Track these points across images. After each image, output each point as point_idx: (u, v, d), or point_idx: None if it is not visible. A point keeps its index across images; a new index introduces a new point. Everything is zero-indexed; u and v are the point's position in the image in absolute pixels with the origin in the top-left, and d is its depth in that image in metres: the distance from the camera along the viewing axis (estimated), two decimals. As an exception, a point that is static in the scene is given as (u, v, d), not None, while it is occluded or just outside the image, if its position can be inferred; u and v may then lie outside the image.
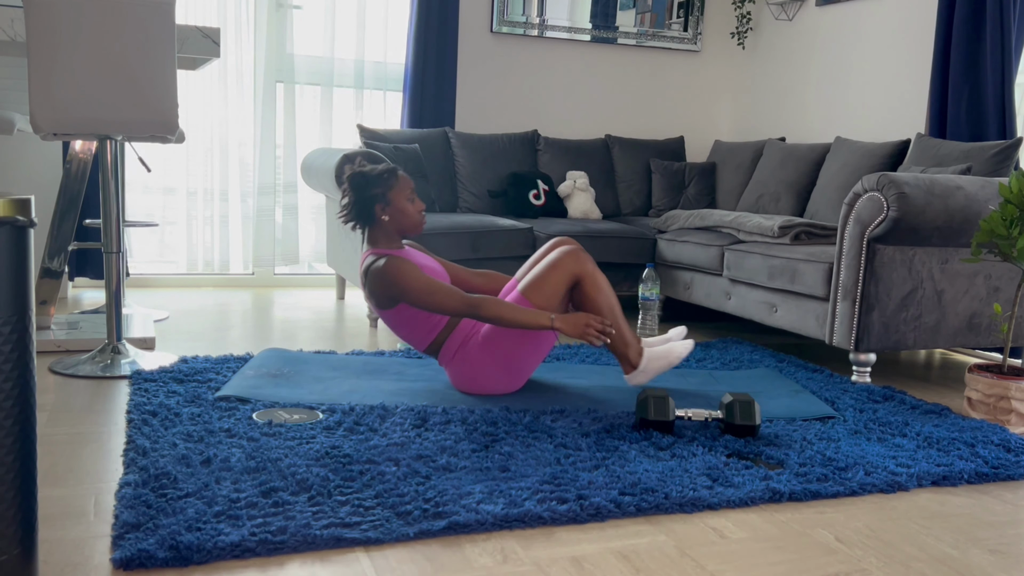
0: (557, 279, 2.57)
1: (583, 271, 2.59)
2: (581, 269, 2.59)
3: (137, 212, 4.47)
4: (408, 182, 2.63)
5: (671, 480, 1.97)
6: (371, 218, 2.60)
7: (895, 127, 4.12)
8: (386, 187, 2.59)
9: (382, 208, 2.59)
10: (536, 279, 2.58)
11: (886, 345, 2.97)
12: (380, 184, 2.59)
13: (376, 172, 2.60)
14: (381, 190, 2.58)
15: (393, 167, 2.63)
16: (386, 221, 2.60)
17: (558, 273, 2.57)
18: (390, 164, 2.64)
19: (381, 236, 2.63)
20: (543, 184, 4.38)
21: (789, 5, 4.81)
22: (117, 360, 2.82)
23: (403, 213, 2.61)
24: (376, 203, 2.58)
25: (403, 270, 2.47)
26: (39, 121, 2.58)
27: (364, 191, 2.58)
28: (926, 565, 1.67)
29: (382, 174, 2.60)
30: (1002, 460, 2.24)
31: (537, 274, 2.59)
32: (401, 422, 2.29)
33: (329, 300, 4.44)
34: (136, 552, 1.50)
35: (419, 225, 2.64)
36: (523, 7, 4.79)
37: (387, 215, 2.59)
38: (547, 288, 2.56)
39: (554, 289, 2.57)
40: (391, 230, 2.62)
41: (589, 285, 2.59)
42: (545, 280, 2.57)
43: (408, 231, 2.64)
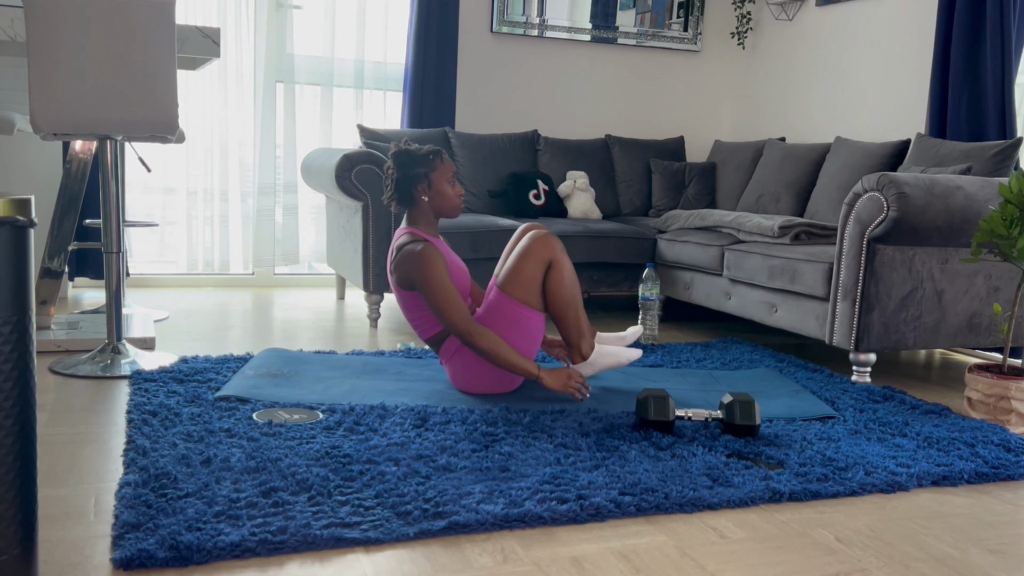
0: (532, 268, 2.59)
1: (553, 256, 2.60)
2: (552, 254, 2.60)
3: (137, 212, 4.47)
4: (451, 165, 2.66)
5: (671, 480, 1.97)
6: (411, 198, 2.62)
7: (895, 127, 4.12)
8: (429, 167, 2.61)
9: (424, 188, 2.61)
10: (512, 271, 2.60)
11: (886, 345, 2.97)
12: (424, 164, 2.61)
13: (421, 152, 2.62)
14: (424, 170, 2.61)
15: (438, 148, 2.65)
16: (425, 202, 2.62)
17: (531, 262, 2.59)
18: (435, 146, 2.67)
19: (420, 218, 2.65)
20: (543, 184, 4.38)
21: (789, 5, 4.81)
22: (117, 360, 2.82)
23: (443, 195, 2.63)
24: (419, 183, 2.61)
25: (435, 262, 2.49)
26: (39, 121, 2.58)
27: (408, 169, 2.60)
28: (926, 565, 1.67)
29: (427, 154, 2.62)
30: (1002, 460, 2.24)
31: (512, 266, 2.61)
32: (401, 422, 2.29)
33: (329, 300, 4.44)
34: (136, 552, 1.50)
35: (457, 209, 2.67)
36: (523, 7, 4.79)
37: (427, 196, 2.62)
38: (524, 278, 2.58)
39: (530, 277, 2.58)
40: (429, 212, 2.65)
41: (555, 272, 2.60)
42: (520, 271, 2.59)
43: (446, 214, 2.67)
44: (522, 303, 2.58)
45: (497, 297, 2.59)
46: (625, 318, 4.28)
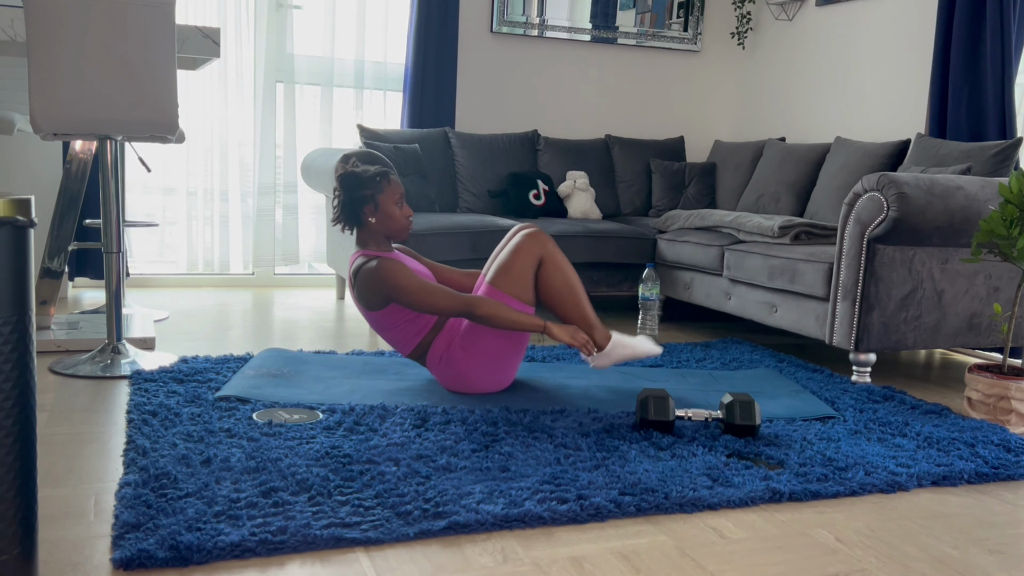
0: (522, 263, 2.58)
1: (545, 251, 2.60)
2: (543, 249, 2.60)
3: (137, 212, 4.47)
4: (398, 187, 2.63)
5: (671, 480, 1.97)
6: (359, 219, 2.61)
7: (895, 127, 4.12)
8: (376, 189, 2.59)
9: (371, 210, 2.59)
10: (502, 267, 2.59)
11: (886, 345, 2.97)
12: (370, 186, 2.59)
13: (367, 174, 2.60)
14: (370, 192, 2.58)
15: (385, 170, 2.62)
16: (373, 223, 2.60)
17: (521, 257, 2.58)
18: (383, 168, 2.64)
19: (369, 239, 2.63)
20: (543, 184, 4.38)
21: (789, 5, 4.81)
22: (117, 360, 2.82)
23: (390, 217, 2.60)
24: (365, 204, 2.58)
25: (396, 271, 2.48)
26: (39, 121, 2.58)
27: (354, 192, 2.58)
28: (926, 565, 1.67)
29: (373, 176, 2.60)
30: (1002, 460, 2.24)
31: (502, 262, 2.60)
32: (401, 422, 2.29)
33: (329, 300, 4.44)
34: (136, 552, 1.50)
35: (405, 230, 2.64)
36: (523, 7, 4.79)
37: (374, 218, 2.59)
38: (514, 273, 2.58)
39: (521, 272, 2.58)
40: (378, 233, 2.63)
41: (549, 265, 2.60)
42: (511, 266, 2.58)
43: (394, 236, 2.64)
44: (512, 296, 2.57)
45: (488, 291, 2.59)
46: (625, 318, 4.28)
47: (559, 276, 2.61)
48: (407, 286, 2.46)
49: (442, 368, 2.62)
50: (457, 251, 3.73)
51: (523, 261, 2.59)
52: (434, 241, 3.67)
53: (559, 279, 2.61)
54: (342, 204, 2.60)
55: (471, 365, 2.58)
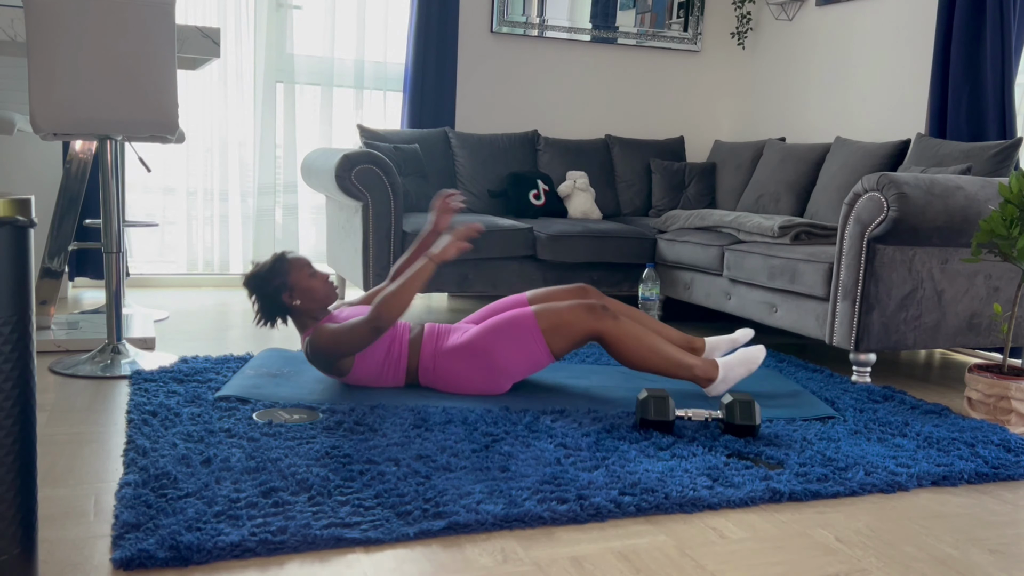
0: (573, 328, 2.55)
1: (603, 329, 2.55)
2: (600, 327, 2.55)
3: (137, 212, 4.47)
4: (301, 261, 2.61)
5: (671, 480, 1.97)
6: (284, 309, 2.61)
7: (895, 127, 4.12)
8: (282, 275, 2.58)
9: (289, 296, 2.59)
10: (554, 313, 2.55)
11: (886, 345, 2.97)
12: (276, 275, 2.58)
13: (267, 268, 2.59)
14: (279, 280, 2.58)
15: (280, 254, 2.62)
16: (299, 305, 2.60)
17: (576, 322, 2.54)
18: (276, 253, 2.63)
19: (306, 319, 2.64)
20: (543, 184, 4.38)
21: (789, 5, 4.81)
22: (117, 360, 2.82)
23: (310, 291, 2.59)
24: (282, 293, 2.58)
25: (319, 335, 2.50)
26: (39, 121, 2.58)
27: (265, 288, 2.58)
28: (926, 565, 1.67)
29: (272, 265, 2.59)
30: (1002, 460, 2.24)
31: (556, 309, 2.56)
32: (401, 422, 2.29)
33: (329, 300, 4.44)
34: (136, 552, 1.50)
35: (330, 295, 2.62)
36: (523, 7, 4.79)
37: (298, 300, 2.59)
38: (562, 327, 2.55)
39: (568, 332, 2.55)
40: (309, 310, 2.62)
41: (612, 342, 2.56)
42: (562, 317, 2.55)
43: (322, 304, 2.62)
44: (546, 341, 2.56)
45: (528, 319, 2.56)
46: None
47: (628, 352, 2.57)
48: (327, 343, 2.48)
49: (436, 378, 2.62)
50: (457, 251, 3.72)
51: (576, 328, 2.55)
52: (434, 241, 3.67)
53: (630, 350, 2.57)
54: (262, 305, 2.61)
55: (463, 371, 2.58)
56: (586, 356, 3.24)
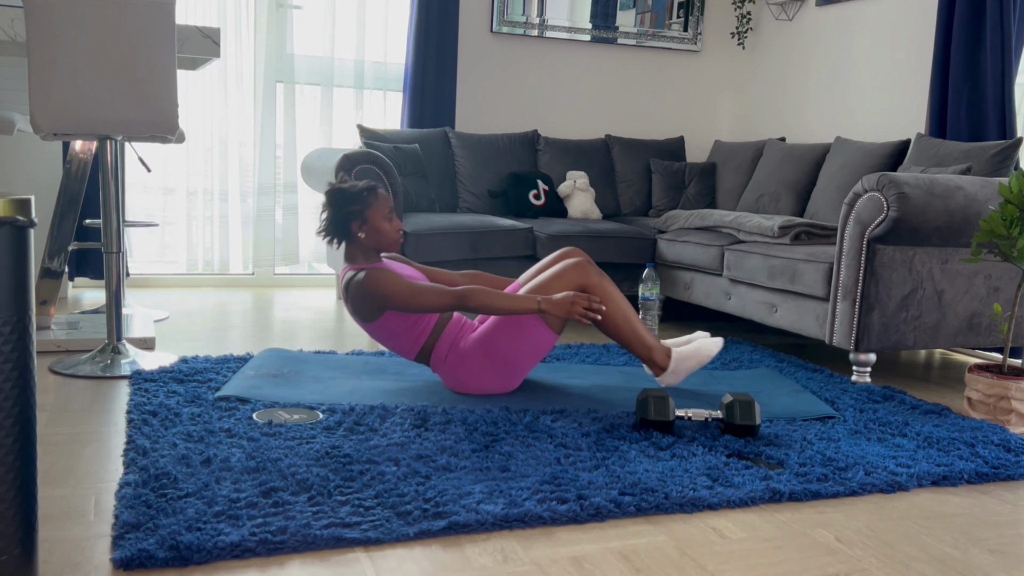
0: (559, 288, 2.58)
1: (588, 283, 2.59)
2: (587, 281, 2.59)
3: (137, 212, 4.47)
4: (387, 201, 2.62)
5: (671, 480, 1.97)
6: (348, 234, 2.60)
7: (895, 127, 4.12)
8: (364, 205, 2.58)
9: (359, 225, 2.58)
10: (541, 288, 2.59)
11: (886, 345, 2.97)
12: (358, 202, 2.58)
13: (355, 190, 2.59)
14: (359, 207, 2.58)
15: (372, 185, 2.62)
16: (362, 238, 2.60)
17: (561, 284, 2.58)
18: (371, 182, 2.63)
19: (359, 252, 2.63)
20: (543, 184, 4.38)
21: (789, 5, 4.81)
22: (117, 360, 2.82)
23: (379, 232, 2.60)
24: (353, 220, 2.58)
25: (383, 278, 2.48)
26: (39, 121, 2.58)
27: (342, 208, 2.58)
28: (926, 565, 1.67)
29: (361, 192, 2.59)
30: (1002, 460, 2.24)
31: (542, 283, 2.59)
32: (401, 422, 2.29)
33: (329, 300, 4.44)
34: (136, 552, 1.50)
35: (396, 244, 2.63)
36: (523, 7, 4.79)
37: (363, 232, 2.59)
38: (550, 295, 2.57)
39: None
40: (368, 247, 2.62)
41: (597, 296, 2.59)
42: (548, 289, 2.58)
43: (384, 249, 2.63)
44: (543, 323, 2.56)
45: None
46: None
47: (609, 307, 2.60)
48: (396, 291, 2.47)
49: (448, 368, 2.62)
50: (457, 251, 3.73)
51: (561, 287, 2.58)
52: (434, 241, 3.67)
53: (609, 310, 2.60)
54: (330, 220, 2.60)
55: (479, 365, 2.58)
56: (586, 356, 3.24)
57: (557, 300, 2.50)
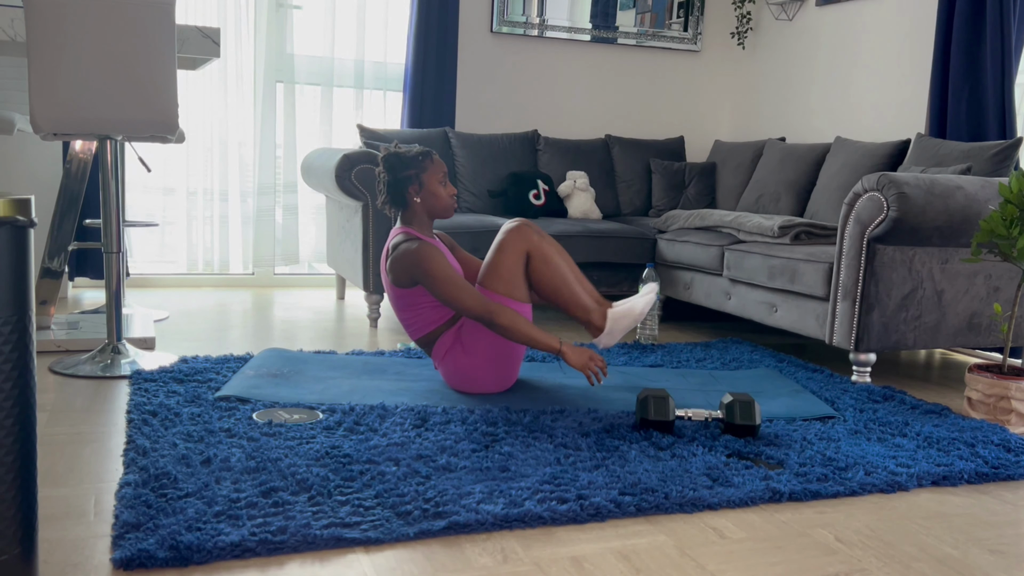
0: (508, 261, 2.58)
1: (530, 245, 2.60)
2: (528, 243, 2.59)
3: (137, 212, 4.47)
4: (441, 165, 2.65)
5: (671, 480, 1.97)
6: (404, 200, 2.62)
7: (895, 127, 4.12)
8: (420, 168, 2.61)
9: (416, 189, 2.61)
10: (489, 266, 2.59)
11: (886, 345, 2.97)
12: (414, 165, 2.60)
13: (411, 154, 2.62)
14: (415, 171, 2.60)
15: (427, 150, 2.65)
16: (418, 203, 2.62)
17: (507, 254, 2.58)
18: (424, 147, 2.65)
19: (414, 219, 2.64)
20: (543, 184, 4.38)
21: (789, 5, 4.81)
22: (117, 360, 2.82)
23: (435, 196, 2.62)
24: (410, 184, 2.60)
25: (433, 256, 2.49)
26: (39, 121, 2.58)
27: (398, 171, 2.60)
28: (926, 565, 1.67)
29: (417, 156, 2.62)
30: (1002, 460, 2.24)
31: (488, 261, 2.61)
32: (401, 422, 2.29)
33: (329, 300, 4.44)
34: (136, 552, 1.50)
35: (450, 208, 2.65)
36: (523, 7, 4.79)
37: (420, 197, 2.61)
38: (503, 271, 2.57)
39: (510, 269, 2.58)
40: (422, 213, 2.64)
41: (537, 259, 2.60)
42: (498, 265, 2.58)
43: (439, 214, 2.65)
44: (504, 295, 2.57)
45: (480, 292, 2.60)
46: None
47: (548, 269, 2.60)
48: (438, 275, 2.47)
49: (447, 363, 2.62)
50: (457, 251, 3.73)
51: (509, 259, 2.58)
52: (434, 241, 3.67)
53: (548, 272, 2.60)
54: (387, 185, 2.62)
55: (473, 361, 2.59)
56: (586, 356, 3.24)
57: (577, 350, 2.50)
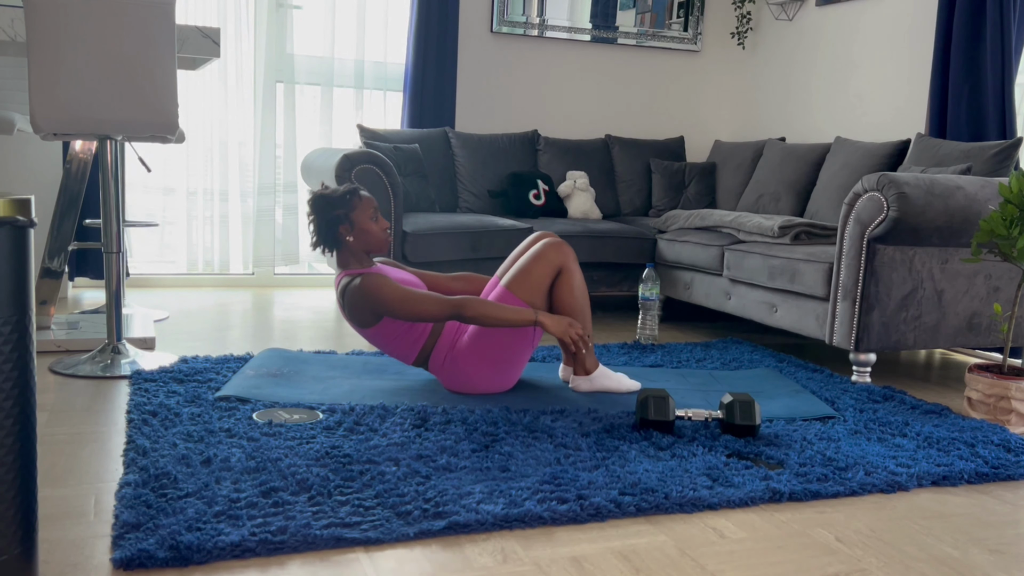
0: (541, 271, 2.60)
1: (565, 264, 2.63)
2: (564, 261, 2.63)
3: (137, 212, 4.47)
4: (370, 201, 2.62)
5: (671, 480, 1.97)
6: (337, 240, 2.60)
7: (895, 127, 4.12)
8: (348, 208, 2.58)
9: (347, 229, 2.59)
10: (520, 272, 2.60)
11: (886, 345, 2.97)
12: (342, 205, 2.58)
13: (338, 193, 2.59)
14: (343, 211, 2.58)
15: (354, 187, 2.62)
16: (351, 242, 2.60)
17: (542, 265, 2.60)
18: (352, 184, 2.63)
19: (350, 257, 2.62)
20: (543, 184, 4.38)
21: (789, 5, 4.81)
22: (117, 360, 2.82)
23: (367, 233, 2.60)
24: (340, 224, 2.58)
25: (380, 284, 2.48)
26: (39, 121, 2.58)
27: (327, 213, 2.58)
28: (926, 565, 1.67)
29: (344, 195, 2.59)
30: (1002, 460, 2.24)
31: (521, 267, 2.61)
32: (401, 422, 2.29)
33: (329, 300, 4.44)
34: (136, 552, 1.50)
35: (384, 243, 2.64)
36: (523, 7, 4.78)
37: (352, 236, 2.59)
38: (532, 281, 2.59)
39: (538, 281, 2.60)
40: (358, 250, 2.62)
41: (565, 280, 2.63)
42: (530, 272, 2.60)
43: (374, 250, 2.63)
44: (526, 303, 2.58)
45: (502, 294, 2.60)
46: (625, 318, 4.28)
47: (571, 293, 2.64)
48: (393, 297, 2.46)
49: (446, 371, 2.62)
50: (457, 251, 3.73)
51: (542, 270, 2.60)
52: (434, 241, 3.67)
53: (570, 296, 2.64)
54: (318, 227, 2.60)
55: (475, 365, 2.59)
56: (586, 356, 3.24)
57: (555, 318, 2.50)
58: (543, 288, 2.61)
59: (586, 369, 2.71)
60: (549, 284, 2.62)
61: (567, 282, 2.63)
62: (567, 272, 2.63)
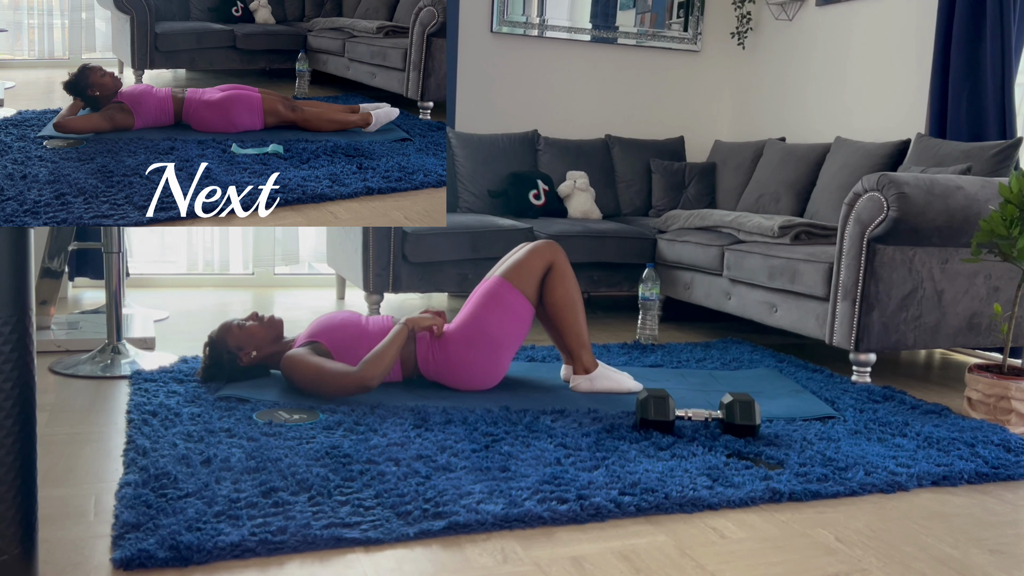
0: (533, 262, 2.69)
1: (555, 259, 2.71)
2: (554, 257, 2.71)
3: (137, 212, 4.46)
4: (225, 325, 2.63)
5: (671, 480, 1.97)
6: (246, 369, 2.63)
7: (895, 127, 4.12)
8: (223, 348, 2.60)
9: (246, 355, 2.61)
10: (515, 264, 2.69)
11: (886, 345, 2.97)
12: (220, 354, 2.60)
13: (208, 357, 2.61)
14: (226, 354, 2.60)
15: (207, 340, 2.62)
16: (256, 356, 2.63)
17: (534, 258, 2.70)
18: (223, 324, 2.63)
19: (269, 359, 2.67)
20: (543, 184, 4.38)
21: (789, 5, 4.81)
22: (117, 360, 2.82)
23: (253, 337, 2.62)
24: (237, 361, 2.60)
25: (302, 367, 2.49)
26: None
27: (224, 369, 2.61)
28: (926, 565, 1.67)
29: (211, 351, 2.61)
30: (1002, 460, 2.24)
31: (516, 260, 2.70)
32: (401, 422, 2.29)
33: (329, 300, 4.44)
34: (136, 552, 1.50)
35: (276, 327, 2.67)
36: (523, 7, 4.78)
37: (252, 351, 2.62)
38: (524, 269, 2.68)
39: (530, 270, 2.69)
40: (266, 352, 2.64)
41: (556, 274, 2.70)
42: (523, 263, 2.69)
43: (272, 339, 2.66)
44: (519, 290, 2.65)
45: (497, 282, 2.67)
46: (625, 318, 4.28)
47: (562, 288, 2.70)
48: (321, 378, 2.46)
49: (440, 370, 2.63)
50: (457, 251, 3.73)
51: (534, 262, 2.69)
52: (434, 241, 3.67)
53: (561, 291, 2.70)
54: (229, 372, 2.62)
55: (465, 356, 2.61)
56: (586, 356, 3.24)
57: (417, 316, 2.59)
58: (534, 277, 2.68)
59: (585, 368, 2.72)
60: (541, 276, 2.69)
61: (556, 277, 2.70)
62: (557, 267, 2.70)
